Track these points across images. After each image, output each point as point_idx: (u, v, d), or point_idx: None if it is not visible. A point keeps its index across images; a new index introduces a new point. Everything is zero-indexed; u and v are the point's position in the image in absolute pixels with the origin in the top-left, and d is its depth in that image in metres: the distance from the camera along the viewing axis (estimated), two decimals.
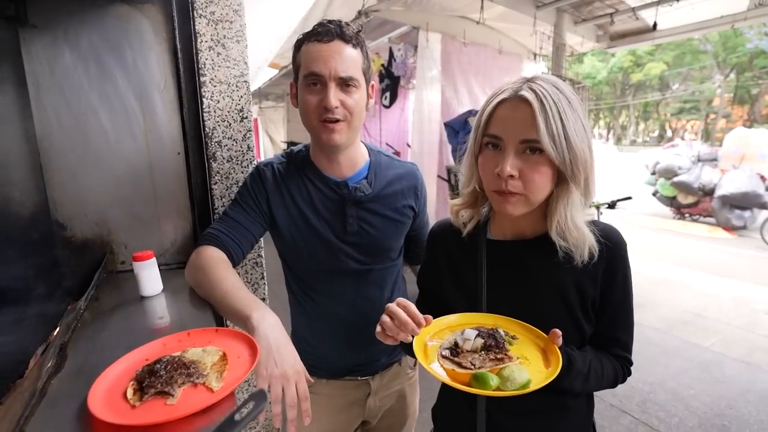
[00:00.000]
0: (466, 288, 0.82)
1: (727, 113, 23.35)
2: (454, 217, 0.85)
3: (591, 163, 0.69)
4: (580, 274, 0.74)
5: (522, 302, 0.77)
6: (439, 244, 0.90)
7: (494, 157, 0.69)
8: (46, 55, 1.08)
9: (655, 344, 3.12)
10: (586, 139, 0.68)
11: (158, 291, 1.01)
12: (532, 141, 0.65)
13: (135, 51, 1.16)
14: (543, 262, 0.76)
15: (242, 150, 1.28)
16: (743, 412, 2.33)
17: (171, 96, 1.21)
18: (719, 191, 6.54)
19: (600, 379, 0.74)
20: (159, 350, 0.70)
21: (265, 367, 0.67)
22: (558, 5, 4.62)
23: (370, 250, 1.04)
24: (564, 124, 0.64)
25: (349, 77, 0.89)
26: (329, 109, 0.88)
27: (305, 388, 0.70)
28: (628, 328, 0.78)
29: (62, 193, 1.16)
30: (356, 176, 1.03)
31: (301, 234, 1.01)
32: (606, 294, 0.75)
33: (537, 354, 0.67)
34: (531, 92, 0.65)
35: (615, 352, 0.78)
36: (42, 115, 1.10)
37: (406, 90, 5.39)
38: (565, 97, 0.66)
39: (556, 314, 0.76)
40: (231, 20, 1.21)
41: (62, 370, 0.69)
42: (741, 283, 4.42)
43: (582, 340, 0.77)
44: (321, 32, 0.88)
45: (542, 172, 0.67)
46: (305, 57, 0.90)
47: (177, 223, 1.28)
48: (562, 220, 0.70)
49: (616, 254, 0.75)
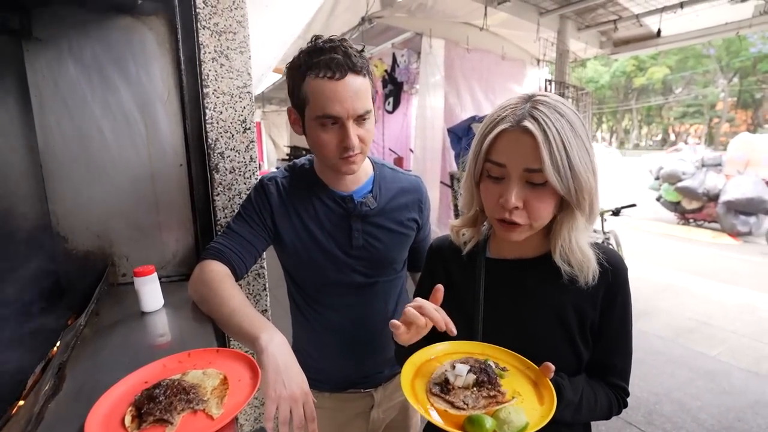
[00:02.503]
0: (463, 306, 0.80)
1: (731, 117, 23.28)
2: (454, 236, 0.84)
3: (595, 188, 0.68)
4: (580, 297, 0.73)
5: (519, 322, 0.76)
6: (438, 261, 0.89)
7: (497, 186, 0.68)
8: (49, 68, 1.08)
9: (660, 353, 3.08)
10: (590, 165, 0.66)
11: (159, 306, 1.00)
12: (536, 170, 0.64)
13: (138, 63, 1.16)
14: (543, 282, 0.75)
15: (245, 161, 1.27)
16: (752, 424, 2.29)
17: (174, 107, 1.21)
18: (724, 197, 6.49)
19: (593, 409, 0.72)
20: (159, 372, 0.69)
21: (274, 389, 0.67)
22: (561, 12, 4.61)
23: (375, 263, 1.04)
24: (568, 153, 0.63)
25: (366, 112, 0.88)
26: (350, 148, 0.87)
27: (312, 409, 0.70)
28: (626, 356, 0.76)
29: (64, 205, 1.15)
30: (361, 190, 1.02)
31: (306, 249, 1.00)
32: (605, 317, 0.74)
33: (529, 388, 0.64)
34: (534, 122, 0.63)
35: (611, 381, 0.76)
36: (45, 127, 1.10)
37: (409, 95, 5.39)
38: (568, 123, 0.64)
39: (553, 336, 0.74)
40: (234, 31, 1.20)
41: (60, 393, 0.67)
42: (747, 289, 4.37)
43: (578, 364, 0.75)
44: (331, 66, 0.83)
45: (546, 202, 0.66)
46: (316, 94, 0.85)
47: (179, 235, 1.27)
48: (566, 245, 0.69)
49: (617, 278, 0.73)
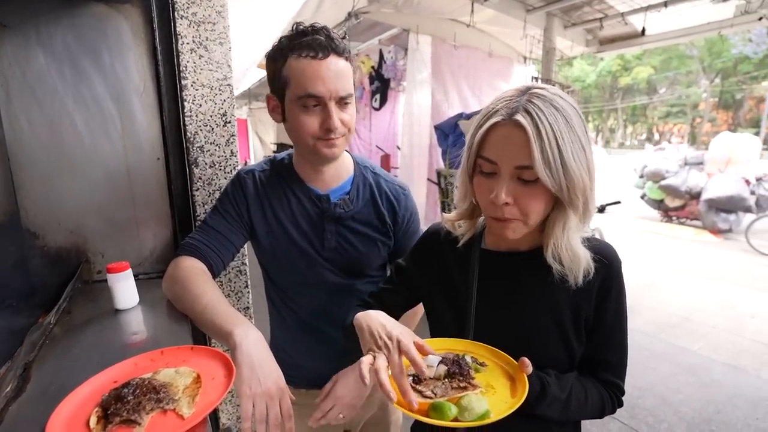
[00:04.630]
0: (455, 297, 0.80)
1: (713, 117, 23.81)
2: (450, 227, 0.83)
3: (591, 186, 0.66)
4: (575, 290, 0.71)
5: (511, 315, 0.75)
6: (434, 245, 0.86)
7: (489, 182, 0.67)
8: (16, 56, 1.03)
9: (643, 348, 3.14)
10: (585, 162, 0.64)
11: (134, 304, 0.97)
12: (527, 168, 0.62)
13: (113, 53, 1.12)
14: (536, 276, 0.74)
15: (225, 155, 1.24)
16: (731, 416, 2.35)
17: (151, 100, 1.17)
18: (705, 195, 6.63)
19: (582, 406, 0.71)
20: (130, 371, 0.66)
21: (249, 385, 0.64)
22: (548, 9, 4.64)
23: (348, 265, 1.01)
24: (561, 149, 0.60)
25: (348, 95, 0.87)
26: (332, 130, 0.86)
27: (289, 406, 0.67)
28: (621, 351, 0.75)
29: (34, 200, 1.11)
30: (339, 189, 1.00)
31: (281, 245, 0.99)
32: (599, 311, 0.72)
33: (505, 382, 0.64)
34: (526, 116, 0.61)
35: (604, 378, 0.74)
36: (12, 118, 1.05)
37: (396, 92, 5.37)
38: (563, 117, 0.62)
39: (545, 330, 0.73)
40: (214, 22, 1.17)
41: (23, 394, 0.64)
42: (727, 285, 4.47)
43: (571, 360, 0.74)
44: (313, 46, 0.82)
45: (538, 199, 0.65)
46: (298, 75, 0.84)
47: (156, 231, 1.23)
48: (558, 244, 0.68)
49: (610, 271, 0.72)
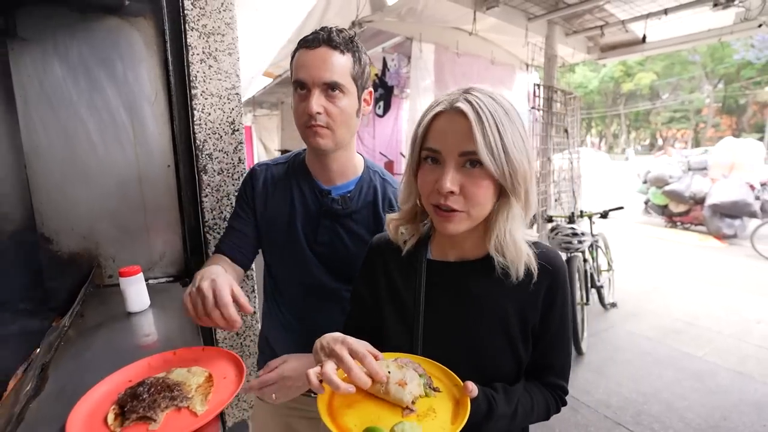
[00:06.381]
0: (402, 308, 0.78)
1: (716, 122, 23.74)
2: (392, 233, 0.80)
3: (531, 175, 0.67)
4: (522, 300, 0.72)
5: (460, 326, 0.74)
6: (378, 259, 0.84)
7: (433, 172, 0.67)
8: (35, 68, 1.07)
9: (648, 353, 3.12)
10: (525, 152, 0.66)
11: (145, 307, 0.99)
12: (471, 153, 0.63)
13: (125, 63, 1.15)
14: (484, 285, 0.73)
15: (233, 162, 1.27)
16: (738, 423, 2.33)
17: (162, 108, 1.21)
18: (710, 200, 6.60)
19: (529, 414, 0.72)
20: (144, 370, 0.69)
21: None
22: (549, 18, 4.69)
23: (337, 265, 1.02)
24: (502, 135, 0.63)
25: (334, 83, 0.88)
26: (311, 116, 0.88)
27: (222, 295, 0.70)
28: (565, 355, 0.77)
29: (49, 206, 1.14)
30: (343, 187, 1.01)
31: (276, 229, 1.02)
32: (545, 319, 0.73)
33: (448, 405, 0.61)
34: (467, 104, 0.63)
35: (548, 381, 0.76)
36: (30, 127, 1.09)
37: (399, 99, 5.41)
38: (503, 109, 0.65)
39: (495, 340, 0.73)
40: (223, 33, 1.21)
41: (42, 393, 0.67)
42: (732, 291, 4.44)
43: (518, 367, 0.74)
44: (309, 39, 0.89)
45: (483, 186, 0.65)
46: (295, 64, 0.91)
47: (166, 237, 1.26)
48: (501, 235, 0.69)
49: (556, 279, 0.73)
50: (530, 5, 4.48)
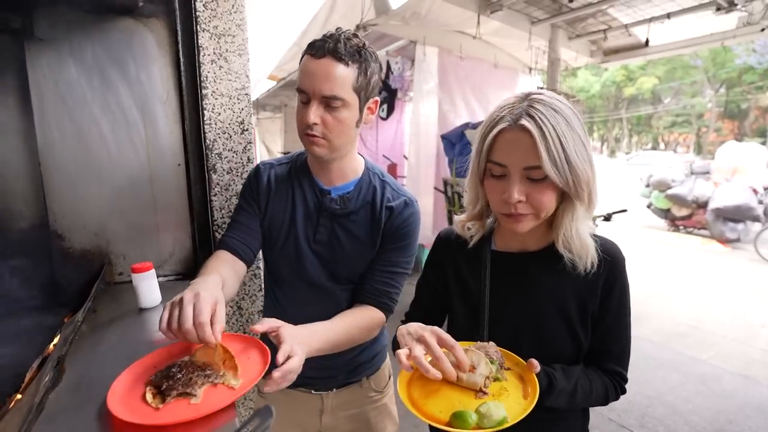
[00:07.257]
0: (469, 297, 0.85)
1: (718, 127, 23.72)
2: (460, 230, 0.87)
3: (593, 177, 0.71)
4: (581, 287, 0.77)
5: (523, 313, 0.80)
6: (446, 251, 0.91)
7: (500, 184, 0.72)
8: (50, 68, 1.09)
9: (652, 357, 3.11)
10: (586, 157, 0.70)
11: (157, 302, 1.00)
12: (536, 167, 0.67)
13: (138, 64, 1.17)
14: (546, 274, 0.79)
15: (242, 162, 1.28)
16: (743, 426, 2.32)
17: (173, 108, 1.23)
18: (712, 204, 6.59)
19: (588, 395, 0.75)
20: (165, 357, 0.70)
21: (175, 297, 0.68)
22: (552, 21, 4.71)
23: (333, 264, 1.02)
24: (564, 148, 0.66)
25: (333, 96, 0.87)
26: (308, 126, 0.90)
27: (201, 308, 0.66)
28: (623, 342, 0.80)
29: (62, 203, 1.15)
30: (343, 188, 1.02)
31: (278, 231, 1.03)
32: (603, 306, 0.78)
33: (516, 383, 0.68)
34: (530, 120, 0.67)
35: (607, 367, 0.79)
36: (44, 126, 1.11)
37: (403, 102, 5.44)
38: (564, 118, 0.68)
39: (555, 324, 0.78)
40: (233, 34, 1.22)
41: (60, 384, 0.68)
42: (736, 295, 4.43)
43: (578, 352, 0.80)
44: (317, 46, 0.88)
45: (548, 194, 0.70)
46: (300, 69, 0.91)
47: (176, 235, 1.27)
48: (567, 233, 0.73)
49: (614, 268, 0.77)
50: (534, 9, 4.50)
